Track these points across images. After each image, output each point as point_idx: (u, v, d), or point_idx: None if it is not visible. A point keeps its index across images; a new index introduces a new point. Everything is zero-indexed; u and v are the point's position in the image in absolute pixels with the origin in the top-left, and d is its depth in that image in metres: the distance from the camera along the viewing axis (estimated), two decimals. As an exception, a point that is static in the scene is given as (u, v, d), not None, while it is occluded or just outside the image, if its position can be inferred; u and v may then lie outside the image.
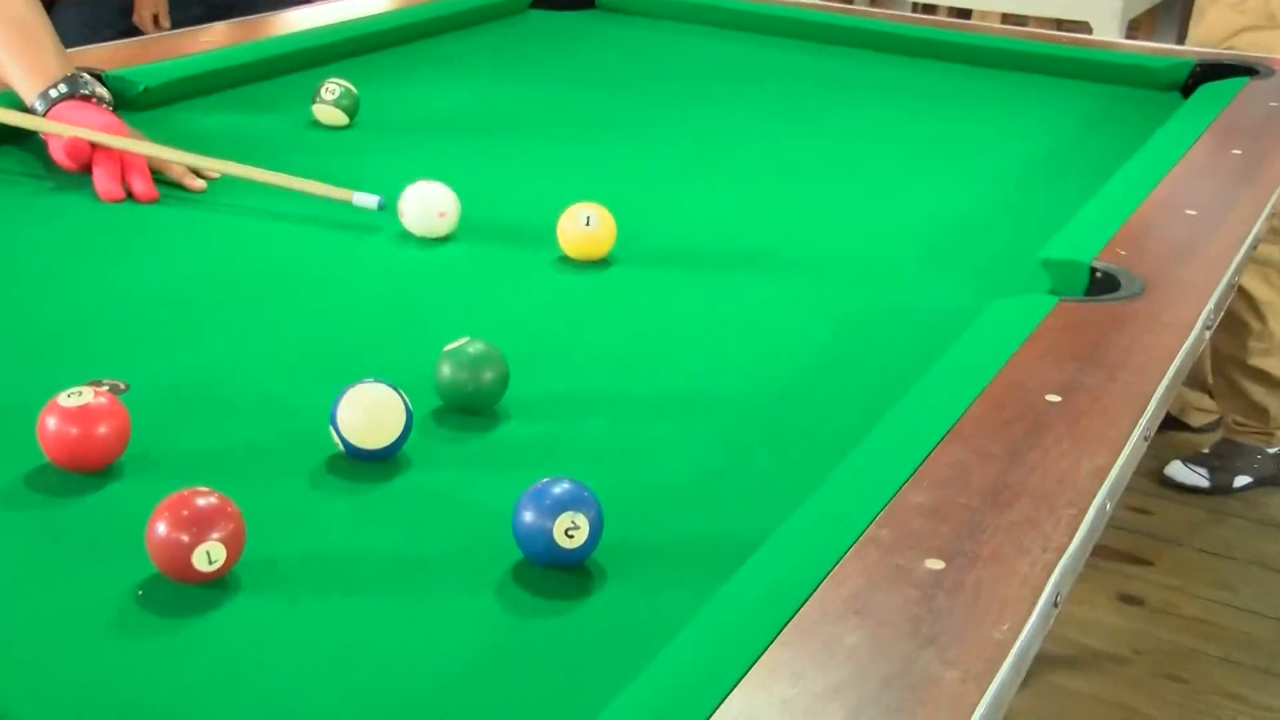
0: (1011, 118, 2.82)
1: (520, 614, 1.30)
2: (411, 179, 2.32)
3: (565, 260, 2.06)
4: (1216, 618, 3.41)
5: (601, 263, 2.06)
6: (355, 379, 1.52)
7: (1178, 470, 4.25)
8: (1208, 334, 1.87)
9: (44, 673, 1.19)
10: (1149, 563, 3.60)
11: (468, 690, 1.20)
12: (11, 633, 1.24)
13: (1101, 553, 3.29)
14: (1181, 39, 5.28)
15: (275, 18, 3.05)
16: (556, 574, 1.34)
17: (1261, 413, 4.27)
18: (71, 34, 4.82)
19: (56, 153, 2.21)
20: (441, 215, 2.09)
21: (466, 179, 2.33)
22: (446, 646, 1.25)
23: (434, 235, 2.11)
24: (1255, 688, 3.16)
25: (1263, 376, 4.23)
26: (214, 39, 2.86)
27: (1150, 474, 4.15)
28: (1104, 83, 3.01)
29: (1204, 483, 4.21)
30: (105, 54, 2.63)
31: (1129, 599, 3.45)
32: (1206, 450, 4.39)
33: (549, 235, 2.07)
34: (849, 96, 2.92)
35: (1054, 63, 3.05)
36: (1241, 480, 4.23)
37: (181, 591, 1.29)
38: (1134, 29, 5.19)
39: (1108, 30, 4.75)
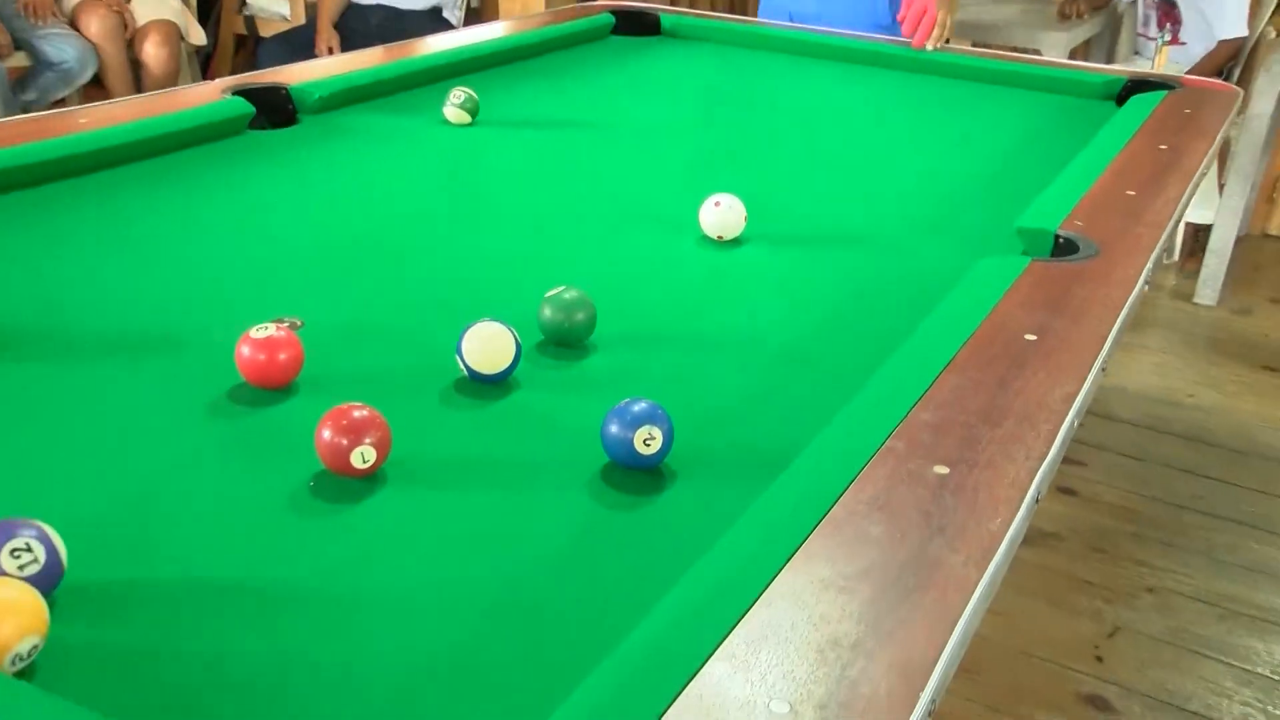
0: (985, 119, 2.74)
1: (607, 505, 1.25)
2: (526, 167, 2.27)
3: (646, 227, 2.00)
4: (1130, 504, 3.38)
5: (675, 235, 1.99)
6: (476, 318, 1.47)
7: None
8: (1147, 288, 1.81)
9: (240, 539, 1.17)
10: (1083, 463, 3.54)
11: (567, 564, 1.15)
12: (217, 509, 1.22)
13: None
14: (1110, 63, 5.20)
15: (413, 43, 2.99)
16: (636, 474, 1.29)
17: None
18: (273, 60, 4.87)
19: None
20: (717, 205, 1.94)
21: (587, 169, 2.30)
22: (549, 530, 1.20)
23: (729, 236, 1.96)
24: (1158, 555, 3.14)
25: None
26: (369, 60, 2.81)
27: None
28: (1056, 93, 2.95)
29: None
30: (295, 72, 2.59)
31: (1066, 491, 3.41)
32: None
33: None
34: (854, 104, 2.83)
35: (1018, 77, 2.99)
36: None
37: (342, 484, 1.25)
38: (1073, 55, 5.09)
39: (1054, 55, 4.66)
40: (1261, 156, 4.90)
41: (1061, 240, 1.87)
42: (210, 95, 2.37)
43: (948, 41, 3.07)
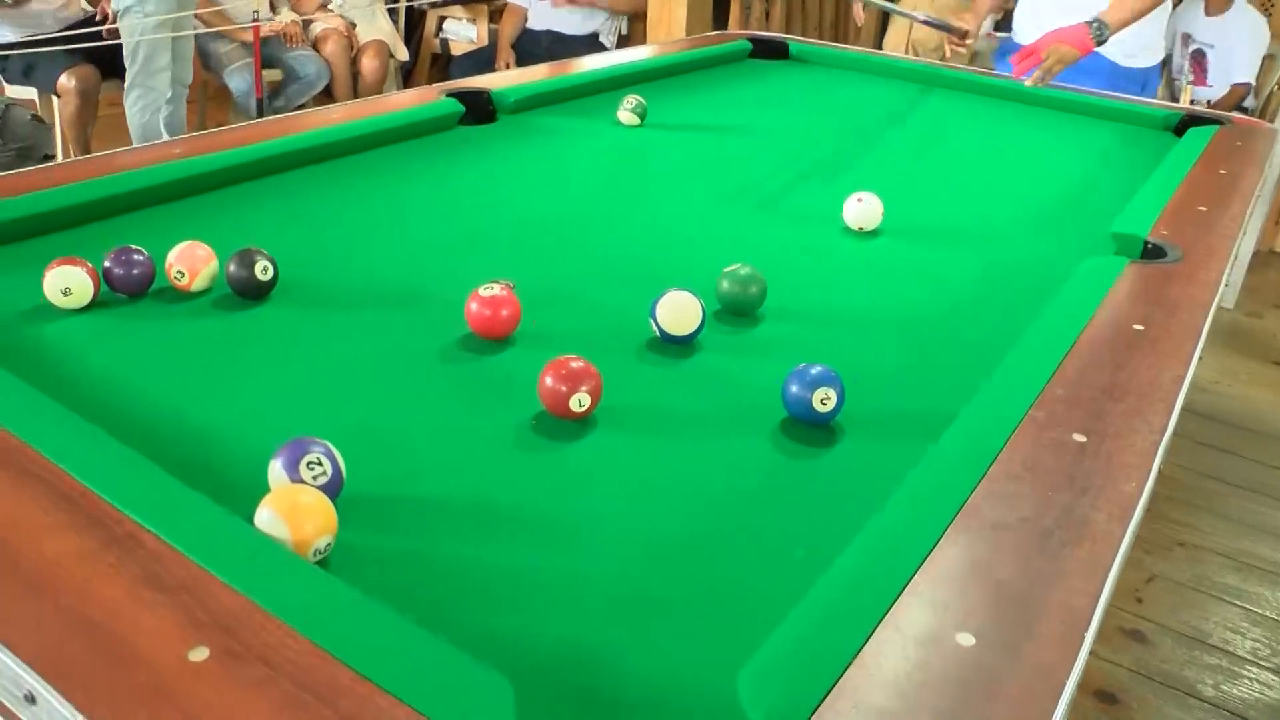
0: (1068, 142, 2.60)
1: (786, 454, 1.17)
2: (688, 164, 2.19)
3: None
4: (1166, 470, 3.23)
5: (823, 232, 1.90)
6: (658, 289, 1.40)
7: None
8: (1224, 289, 1.69)
9: (477, 466, 1.11)
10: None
11: (755, 505, 1.07)
12: (456, 439, 1.16)
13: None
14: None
15: (579, 61, 2.92)
16: (810, 429, 1.21)
17: None
18: (463, 74, 4.83)
19: None
20: (859, 201, 1.85)
21: (740, 167, 2.21)
22: (733, 476, 1.12)
23: (868, 228, 1.85)
24: (1188, 515, 3.02)
25: None
26: (547, 72, 2.74)
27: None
28: (1125, 123, 2.80)
29: None
30: (493, 79, 2.53)
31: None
32: None
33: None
34: (960, 124, 2.71)
35: (1094, 108, 2.84)
36: None
37: (559, 424, 1.19)
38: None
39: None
40: (1276, 185, 4.73)
41: (1150, 245, 1.76)
42: (430, 97, 2.32)
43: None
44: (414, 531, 1.00)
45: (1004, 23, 4.57)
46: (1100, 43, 2.75)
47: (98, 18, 4.40)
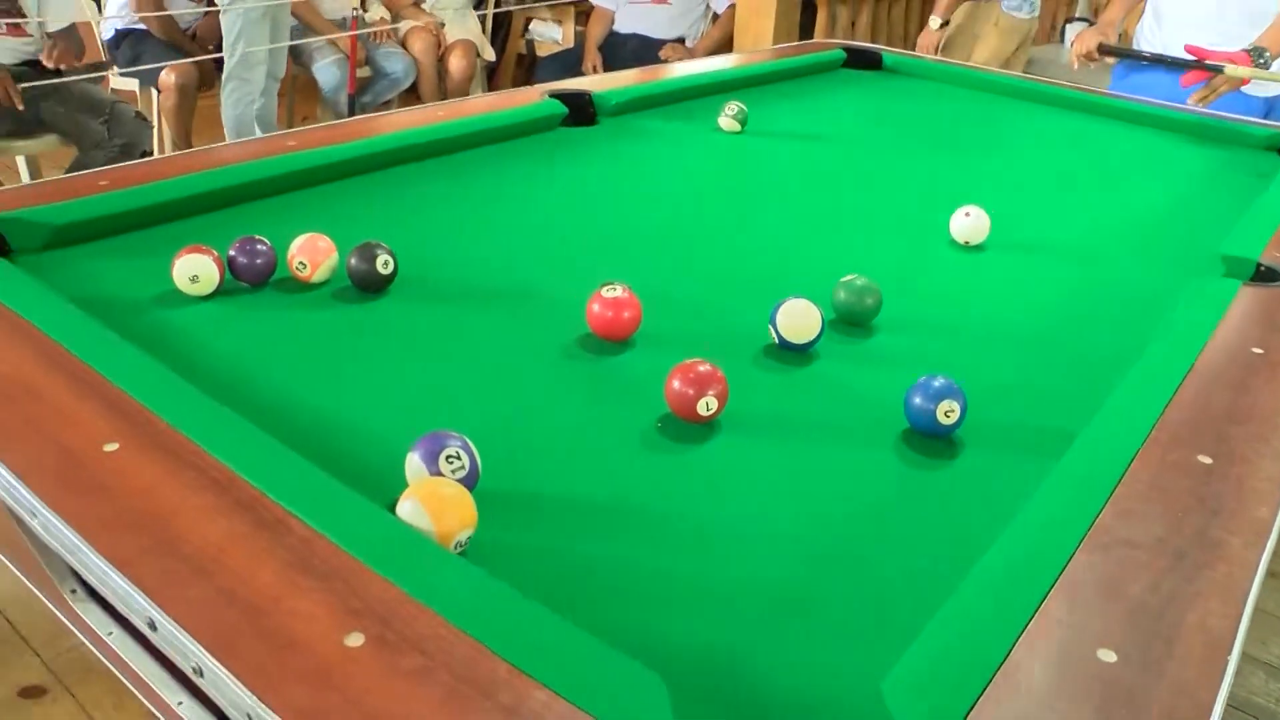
0: (1168, 160, 2.56)
1: (910, 465, 1.17)
2: (790, 172, 2.19)
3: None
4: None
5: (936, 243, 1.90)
6: (770, 296, 1.42)
7: None
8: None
9: (604, 465, 1.13)
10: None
11: (876, 516, 1.08)
12: (581, 437, 1.18)
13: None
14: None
15: (684, 64, 2.93)
16: (932, 441, 1.21)
17: None
18: (549, 75, 4.88)
19: None
20: (967, 215, 1.84)
21: (842, 177, 2.21)
22: (859, 485, 1.13)
23: (974, 242, 1.83)
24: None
25: None
26: (645, 76, 2.75)
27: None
28: (1227, 142, 2.75)
29: None
30: (587, 82, 2.55)
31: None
32: None
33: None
34: (1057, 139, 2.68)
35: (1200, 127, 2.79)
36: None
37: (684, 427, 1.20)
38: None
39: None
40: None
41: (1262, 268, 1.73)
42: (534, 97, 2.34)
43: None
44: (545, 528, 1.01)
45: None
46: (1264, 67, 2.73)
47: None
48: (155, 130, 4.12)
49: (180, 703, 1.12)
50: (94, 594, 1.25)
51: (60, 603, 1.28)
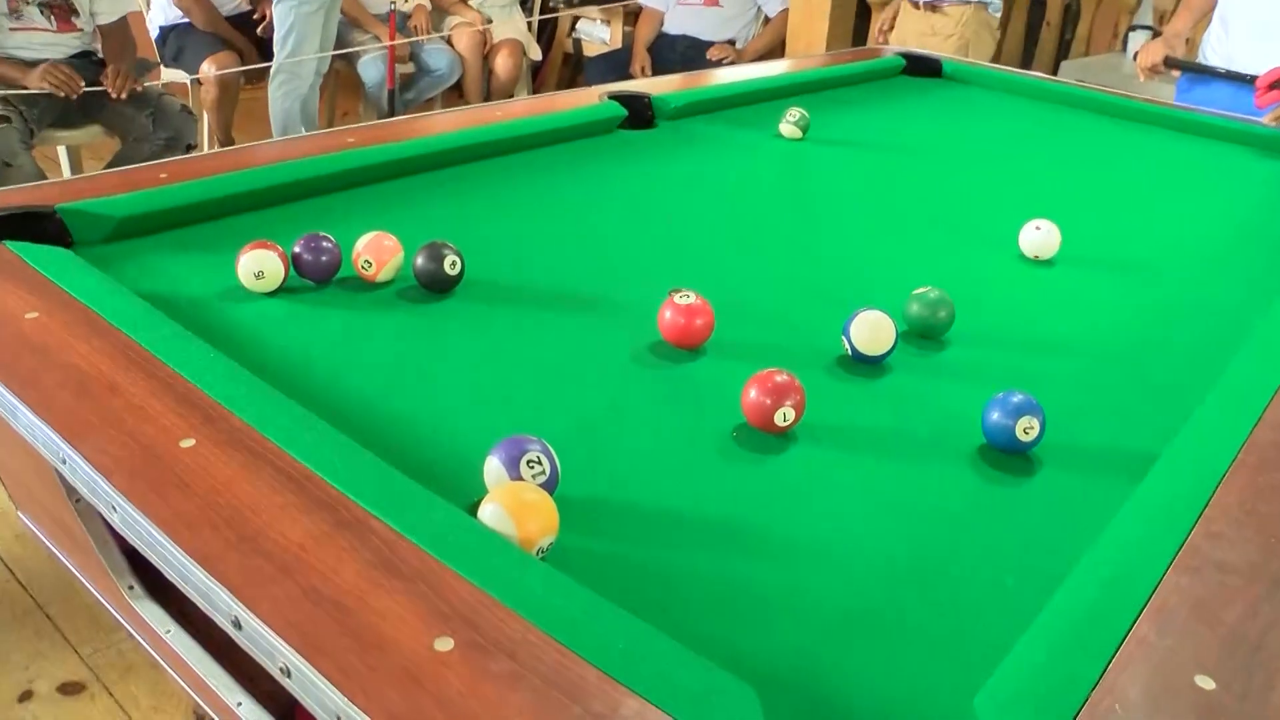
0: (1242, 174, 2.52)
1: (989, 481, 1.16)
2: (854, 180, 2.19)
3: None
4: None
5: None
6: (837, 307, 1.42)
7: None
8: None
9: (682, 474, 1.13)
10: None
11: (956, 531, 1.07)
12: (657, 445, 1.18)
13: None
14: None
15: (741, 69, 2.92)
16: (1010, 457, 1.20)
17: None
18: (597, 76, 4.89)
19: None
20: (1037, 229, 1.81)
21: (909, 187, 2.20)
22: (938, 499, 1.12)
23: (1045, 256, 1.81)
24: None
25: None
26: (701, 80, 2.75)
27: None
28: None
29: None
30: (647, 85, 2.55)
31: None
32: None
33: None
34: (1121, 151, 2.66)
35: (1269, 140, 2.75)
36: None
37: (760, 437, 1.20)
38: None
39: None
40: None
41: (1345, 287, 1.72)
42: (591, 99, 2.35)
43: None
44: (623, 536, 1.02)
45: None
46: None
47: (255, 16, 4.53)
48: (203, 124, 4.15)
49: (240, 704, 1.13)
50: (152, 591, 1.27)
51: (117, 600, 1.29)
